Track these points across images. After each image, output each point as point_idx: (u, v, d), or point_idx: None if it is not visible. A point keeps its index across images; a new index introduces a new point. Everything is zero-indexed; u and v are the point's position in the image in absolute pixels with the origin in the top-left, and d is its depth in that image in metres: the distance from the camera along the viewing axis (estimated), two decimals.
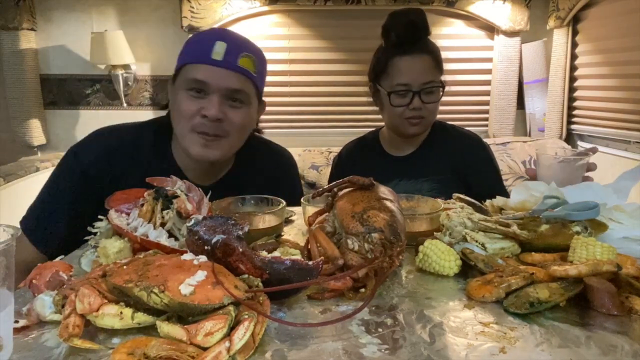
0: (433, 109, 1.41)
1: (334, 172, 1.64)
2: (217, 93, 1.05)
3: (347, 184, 0.87)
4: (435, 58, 1.40)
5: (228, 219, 0.69)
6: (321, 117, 3.30)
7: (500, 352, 0.53)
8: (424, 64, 1.38)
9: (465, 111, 3.31)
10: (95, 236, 0.83)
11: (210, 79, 1.04)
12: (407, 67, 1.38)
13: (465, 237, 0.82)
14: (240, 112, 1.09)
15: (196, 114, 1.05)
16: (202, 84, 1.05)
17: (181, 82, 1.08)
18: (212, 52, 1.04)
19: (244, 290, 0.58)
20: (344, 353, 0.53)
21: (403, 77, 1.37)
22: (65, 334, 0.53)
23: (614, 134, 2.70)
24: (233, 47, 1.06)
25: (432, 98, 1.39)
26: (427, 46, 1.40)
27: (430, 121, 1.44)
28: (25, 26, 2.94)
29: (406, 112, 1.38)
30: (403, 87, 1.37)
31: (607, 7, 2.67)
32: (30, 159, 2.91)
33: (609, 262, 0.66)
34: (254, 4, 3.00)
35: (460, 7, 3.03)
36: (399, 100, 1.39)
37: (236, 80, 1.06)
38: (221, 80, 1.04)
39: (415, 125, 1.41)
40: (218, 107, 1.04)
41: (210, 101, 1.05)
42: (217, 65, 1.04)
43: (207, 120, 1.05)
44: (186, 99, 1.06)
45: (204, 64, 1.04)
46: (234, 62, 1.05)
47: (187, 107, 1.06)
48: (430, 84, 1.37)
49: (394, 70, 1.39)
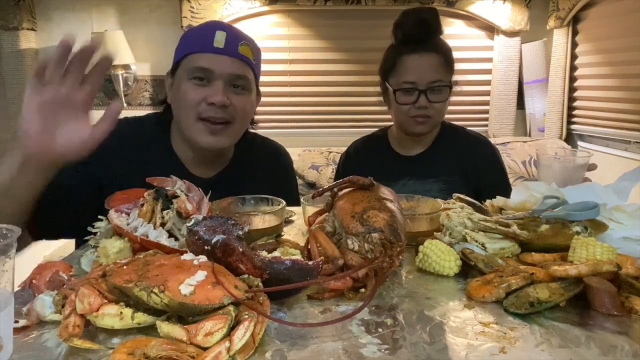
0: (440, 109, 1.40)
1: (340, 169, 1.63)
2: (220, 79, 1.09)
3: (347, 184, 0.87)
4: (444, 57, 1.39)
5: (228, 219, 0.69)
6: (321, 117, 3.30)
7: (500, 352, 0.53)
8: (432, 63, 1.37)
9: (465, 111, 3.31)
10: (95, 236, 0.83)
11: (214, 65, 1.08)
12: (414, 65, 1.37)
13: (465, 237, 0.82)
14: (243, 98, 1.13)
15: (201, 101, 1.08)
16: (206, 72, 1.08)
17: (183, 72, 1.11)
18: (213, 40, 1.08)
19: (244, 290, 0.58)
20: (344, 353, 0.53)
21: (410, 75, 1.37)
22: (65, 334, 0.53)
23: (614, 134, 2.71)
24: (232, 36, 1.11)
25: (439, 97, 1.38)
26: (437, 45, 1.39)
27: (437, 121, 1.43)
28: (25, 26, 2.94)
29: (412, 110, 1.38)
30: (409, 85, 1.37)
31: (607, 7, 2.67)
32: None
33: (609, 262, 0.66)
34: (254, 4, 3.00)
35: (460, 7, 3.04)
36: (405, 98, 1.38)
37: (238, 67, 1.11)
38: (224, 67, 1.08)
39: (421, 124, 1.40)
40: (223, 93, 1.08)
41: (215, 88, 1.08)
42: (219, 52, 1.08)
43: (213, 107, 1.08)
44: (190, 88, 1.09)
45: (207, 53, 1.08)
46: (235, 50, 1.10)
47: (192, 95, 1.08)
48: (437, 82, 1.36)
49: (401, 68, 1.39)
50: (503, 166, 1.52)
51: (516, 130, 3.30)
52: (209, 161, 1.21)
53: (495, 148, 1.53)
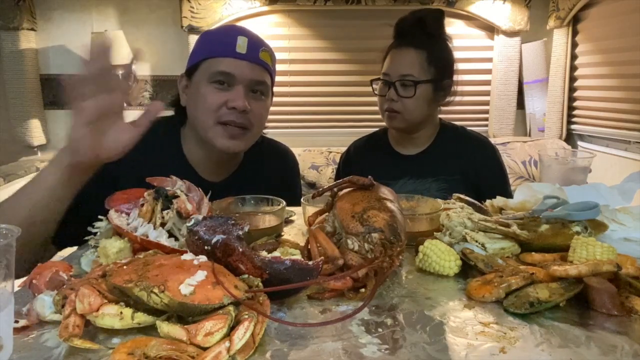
0: (410, 106, 1.37)
1: (341, 169, 1.63)
2: (241, 84, 1.10)
3: (347, 184, 0.87)
4: (430, 56, 1.37)
5: (228, 219, 0.69)
6: (321, 117, 3.30)
7: (500, 352, 0.53)
8: (410, 57, 1.37)
9: (465, 111, 3.31)
10: (95, 236, 0.83)
11: (236, 71, 1.09)
12: (394, 57, 1.40)
13: (465, 237, 0.82)
14: (261, 104, 1.15)
15: (222, 105, 1.09)
16: (227, 76, 1.09)
17: (203, 75, 1.11)
18: (235, 46, 1.09)
19: (244, 290, 0.58)
20: (344, 353, 0.53)
21: (387, 67, 1.40)
22: (65, 334, 0.53)
23: (614, 134, 2.70)
24: (253, 42, 1.12)
25: (407, 93, 1.36)
26: (425, 43, 1.37)
27: (407, 119, 1.40)
28: (25, 26, 2.94)
29: (385, 103, 1.40)
30: (384, 76, 1.40)
31: (607, 7, 2.67)
32: (30, 159, 2.91)
33: (609, 262, 0.66)
34: (254, 4, 3.00)
35: (460, 7, 3.04)
36: (379, 89, 1.42)
37: (259, 72, 1.12)
38: (246, 72, 1.10)
39: (391, 119, 1.41)
40: (244, 98, 1.09)
41: (236, 93, 1.09)
42: (241, 58, 1.09)
43: (234, 111, 1.09)
44: (211, 91, 1.10)
45: (229, 57, 1.09)
46: (256, 56, 1.11)
47: (213, 99, 1.09)
48: (409, 77, 1.35)
49: (386, 61, 1.42)
50: (503, 166, 1.52)
51: (516, 130, 3.30)
52: (220, 165, 1.22)
53: (495, 148, 1.53)
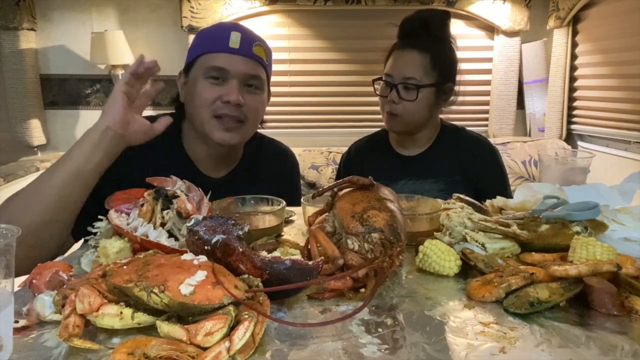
0: (410, 109, 1.36)
1: (342, 169, 1.63)
2: (235, 79, 1.12)
3: (347, 184, 0.87)
4: (433, 60, 1.35)
5: (228, 219, 0.69)
6: (321, 117, 3.30)
7: (500, 352, 0.53)
8: (414, 60, 1.36)
9: (465, 111, 3.30)
10: (95, 236, 0.83)
11: (229, 65, 1.11)
12: (397, 59, 1.39)
13: (465, 237, 0.82)
14: (256, 97, 1.17)
15: (217, 99, 1.12)
16: (221, 71, 1.11)
17: (198, 71, 1.14)
18: (229, 41, 1.12)
19: (244, 290, 0.58)
20: (344, 353, 0.53)
21: (389, 68, 1.40)
22: (65, 334, 0.53)
23: (614, 134, 2.70)
24: (247, 37, 1.14)
25: (409, 96, 1.35)
26: (429, 46, 1.36)
27: (407, 122, 1.39)
28: (25, 26, 2.94)
29: (386, 105, 1.40)
30: (386, 77, 1.40)
31: (607, 7, 2.67)
32: (30, 159, 2.91)
33: (609, 262, 0.66)
34: (254, 4, 3.00)
35: (460, 7, 3.04)
36: (380, 89, 1.42)
37: (253, 67, 1.14)
38: (240, 67, 1.12)
39: (390, 121, 1.42)
40: (238, 92, 1.11)
41: (230, 87, 1.11)
42: (234, 53, 1.12)
43: (228, 105, 1.11)
44: (206, 86, 1.12)
45: (223, 52, 1.12)
46: (249, 50, 1.13)
47: (208, 94, 1.12)
48: (411, 80, 1.34)
49: (388, 61, 1.42)
50: (503, 167, 1.52)
51: (516, 130, 3.30)
52: (219, 160, 1.24)
53: (495, 148, 1.53)
